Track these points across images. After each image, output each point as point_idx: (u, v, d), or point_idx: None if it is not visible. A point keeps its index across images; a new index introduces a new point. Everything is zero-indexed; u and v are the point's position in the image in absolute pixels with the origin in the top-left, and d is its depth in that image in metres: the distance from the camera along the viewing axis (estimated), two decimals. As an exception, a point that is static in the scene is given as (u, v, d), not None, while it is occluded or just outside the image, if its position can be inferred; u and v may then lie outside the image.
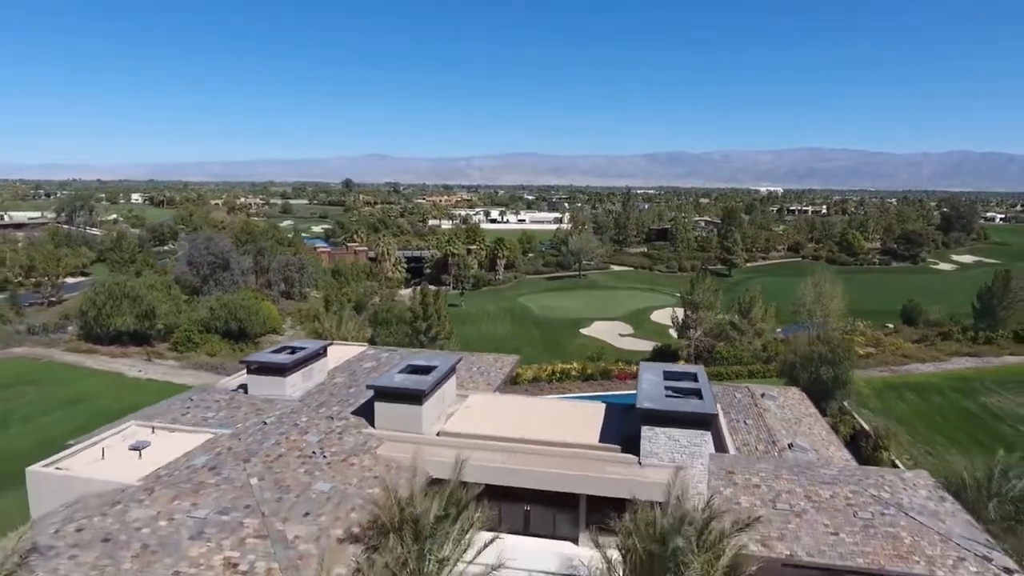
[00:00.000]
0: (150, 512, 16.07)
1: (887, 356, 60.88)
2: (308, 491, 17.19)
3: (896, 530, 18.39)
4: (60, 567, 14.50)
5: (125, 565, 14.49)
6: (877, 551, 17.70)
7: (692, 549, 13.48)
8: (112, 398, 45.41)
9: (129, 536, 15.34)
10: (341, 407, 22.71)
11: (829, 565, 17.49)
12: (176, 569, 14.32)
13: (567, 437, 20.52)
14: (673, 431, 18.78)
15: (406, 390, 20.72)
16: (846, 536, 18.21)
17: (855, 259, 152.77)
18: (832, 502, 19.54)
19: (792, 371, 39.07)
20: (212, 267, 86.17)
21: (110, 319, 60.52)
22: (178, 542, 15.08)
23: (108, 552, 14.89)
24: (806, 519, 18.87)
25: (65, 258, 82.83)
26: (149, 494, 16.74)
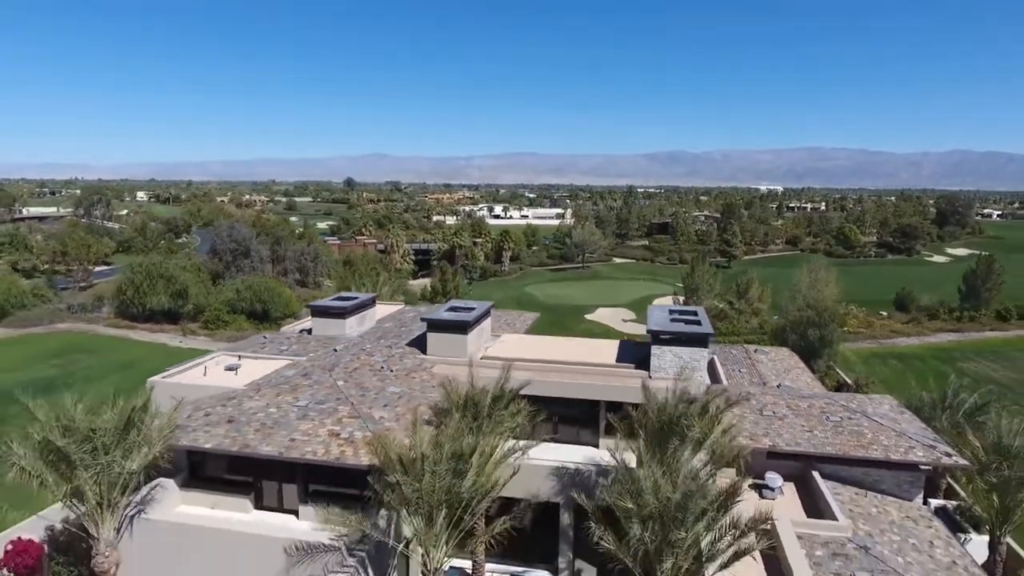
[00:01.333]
0: (261, 403, 20.14)
1: (876, 331, 64.94)
2: (383, 392, 21.23)
3: (860, 429, 22.45)
4: (199, 437, 18.57)
5: (250, 436, 18.56)
6: (843, 443, 21.77)
7: (694, 415, 17.50)
8: (161, 362, 49.31)
9: (248, 418, 19.40)
10: (396, 340, 26.78)
11: (805, 452, 21.57)
12: (292, 437, 18.38)
13: (590, 360, 24.61)
14: (677, 349, 22.83)
15: (454, 321, 24.80)
16: (819, 433, 22.29)
17: (852, 252, 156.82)
18: (808, 410, 23.64)
19: (783, 334, 43.11)
20: (234, 254, 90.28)
21: (147, 297, 64.59)
22: (289, 421, 19.14)
23: (234, 428, 18.95)
24: (786, 422, 22.95)
25: (95, 244, 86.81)
26: (257, 391, 20.81)
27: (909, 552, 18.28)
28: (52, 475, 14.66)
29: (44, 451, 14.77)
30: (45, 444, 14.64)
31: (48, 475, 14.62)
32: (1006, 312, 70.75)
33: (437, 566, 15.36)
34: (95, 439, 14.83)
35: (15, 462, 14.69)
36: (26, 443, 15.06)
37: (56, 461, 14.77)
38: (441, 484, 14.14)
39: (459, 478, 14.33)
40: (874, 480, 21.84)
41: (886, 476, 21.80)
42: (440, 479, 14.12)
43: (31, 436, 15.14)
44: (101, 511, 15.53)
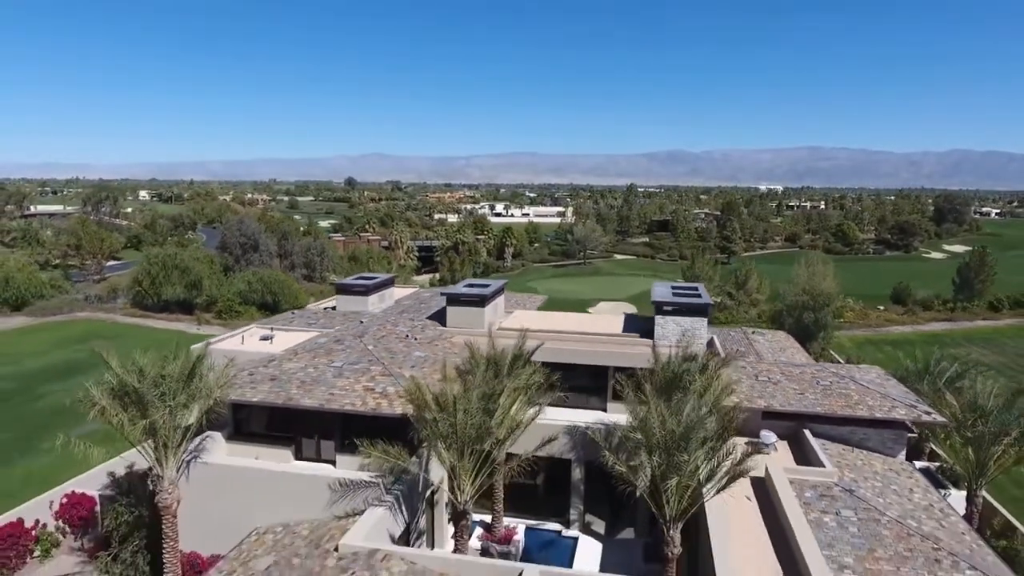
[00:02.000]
0: (299, 364, 22.04)
1: (871, 320, 66.86)
2: (409, 356, 23.12)
3: (848, 391, 24.34)
4: (246, 392, 20.47)
5: (292, 391, 20.46)
6: (832, 403, 23.67)
7: (695, 372, 19.40)
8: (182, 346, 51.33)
9: (289, 377, 21.30)
10: (416, 315, 28.68)
11: (796, 412, 23.47)
12: (330, 392, 20.28)
13: (598, 331, 26.53)
14: (679, 318, 24.74)
15: (472, 295, 26.70)
16: (809, 395, 24.19)
17: (850, 249, 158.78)
18: (800, 376, 25.55)
19: (780, 318, 45.01)
20: (243, 248, 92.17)
21: (162, 288, 66.49)
22: (326, 378, 21.04)
23: (277, 385, 20.86)
24: (780, 386, 24.85)
25: (108, 238, 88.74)
26: (295, 355, 22.72)
27: (890, 495, 20.17)
28: (127, 415, 16.52)
29: (120, 394, 16.64)
30: (121, 387, 16.51)
31: (124, 415, 16.48)
32: (998, 302, 72.64)
33: (467, 499, 17.25)
34: (164, 384, 16.71)
35: (96, 402, 16.55)
36: (103, 387, 16.92)
37: (130, 403, 16.65)
38: (472, 421, 16.02)
39: (488, 416, 16.22)
40: (860, 438, 23.71)
41: (871, 434, 23.68)
42: (472, 416, 16.01)
43: (107, 381, 17.01)
44: (166, 452, 17.41)
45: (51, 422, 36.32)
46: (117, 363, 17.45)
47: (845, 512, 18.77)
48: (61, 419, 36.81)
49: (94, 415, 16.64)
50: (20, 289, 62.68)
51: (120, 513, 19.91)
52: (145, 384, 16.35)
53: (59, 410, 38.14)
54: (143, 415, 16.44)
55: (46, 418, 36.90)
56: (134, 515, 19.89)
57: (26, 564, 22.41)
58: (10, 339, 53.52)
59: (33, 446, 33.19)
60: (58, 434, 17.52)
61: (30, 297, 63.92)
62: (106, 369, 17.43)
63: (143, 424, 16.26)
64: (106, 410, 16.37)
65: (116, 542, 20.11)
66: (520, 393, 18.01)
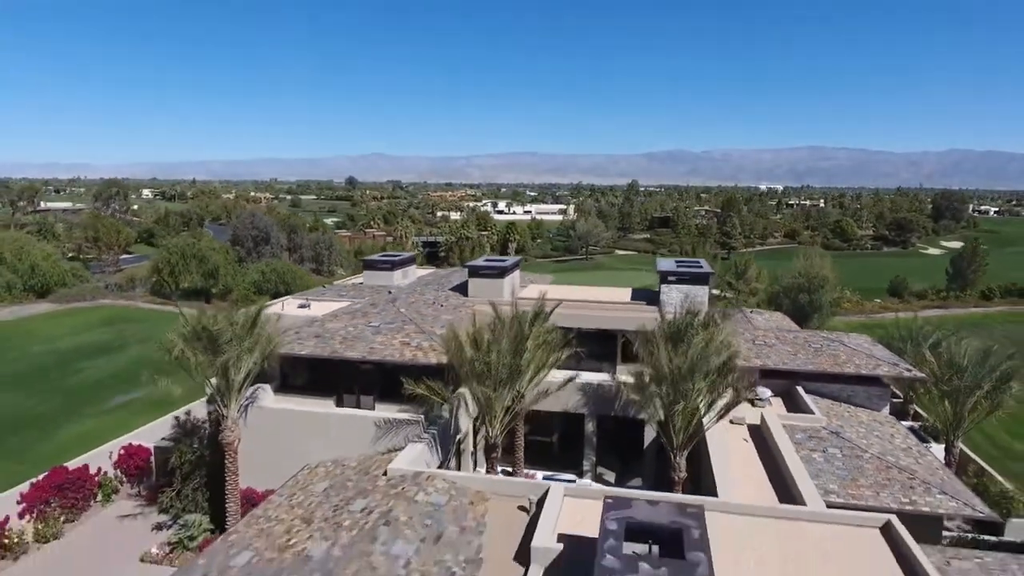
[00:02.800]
0: (340, 325, 24.34)
1: (866, 309, 69.16)
2: (438, 319, 25.42)
3: (837, 353, 26.66)
4: (295, 347, 22.78)
5: (336, 345, 22.77)
6: (822, 362, 26.00)
7: (698, 326, 21.67)
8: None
9: (332, 335, 23.60)
10: (439, 288, 30.99)
11: (790, 369, 25.79)
12: (371, 346, 22.58)
13: (608, 299, 28.85)
14: (682, 286, 27.03)
15: (492, 267, 29.01)
16: (801, 355, 26.51)
17: (848, 245, 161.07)
18: (794, 340, 27.88)
19: (776, 299, 47.30)
20: (255, 240, 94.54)
21: (181, 276, 68.83)
22: (366, 336, 23.35)
23: (322, 341, 23.16)
24: (774, 348, 27.17)
25: (124, 231, 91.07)
26: (335, 317, 25.03)
27: (872, 439, 22.48)
28: (201, 357, 18.82)
29: (195, 338, 18.92)
30: (196, 332, 18.79)
31: (201, 357, 18.78)
32: (989, 292, 74.95)
33: (497, 433, 19.55)
34: (232, 329, 19.01)
35: (177, 345, 18.81)
36: (180, 333, 19.18)
37: (203, 347, 18.94)
38: (504, 361, 18.31)
39: (517, 357, 18.52)
40: (848, 395, 26.03)
41: (858, 391, 26.00)
42: (503, 357, 18.30)
43: (183, 327, 19.28)
44: (229, 393, 19.71)
45: (91, 393, 38.67)
46: (190, 313, 19.68)
47: (831, 450, 21.09)
48: (101, 390, 39.24)
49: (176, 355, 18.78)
50: (45, 277, 64.98)
51: (183, 453, 22.19)
52: (218, 329, 18.60)
53: (97, 382, 40.51)
54: (215, 356, 18.71)
55: (86, 389, 39.21)
56: (196, 455, 22.16)
57: (90, 507, 24.72)
58: (40, 323, 55.84)
59: (79, 411, 35.50)
60: (153, 378, 19.38)
61: (54, 285, 66.22)
62: (181, 320, 19.65)
63: (219, 361, 18.50)
64: (184, 352, 18.59)
65: (179, 480, 22.37)
66: (543, 341, 20.28)
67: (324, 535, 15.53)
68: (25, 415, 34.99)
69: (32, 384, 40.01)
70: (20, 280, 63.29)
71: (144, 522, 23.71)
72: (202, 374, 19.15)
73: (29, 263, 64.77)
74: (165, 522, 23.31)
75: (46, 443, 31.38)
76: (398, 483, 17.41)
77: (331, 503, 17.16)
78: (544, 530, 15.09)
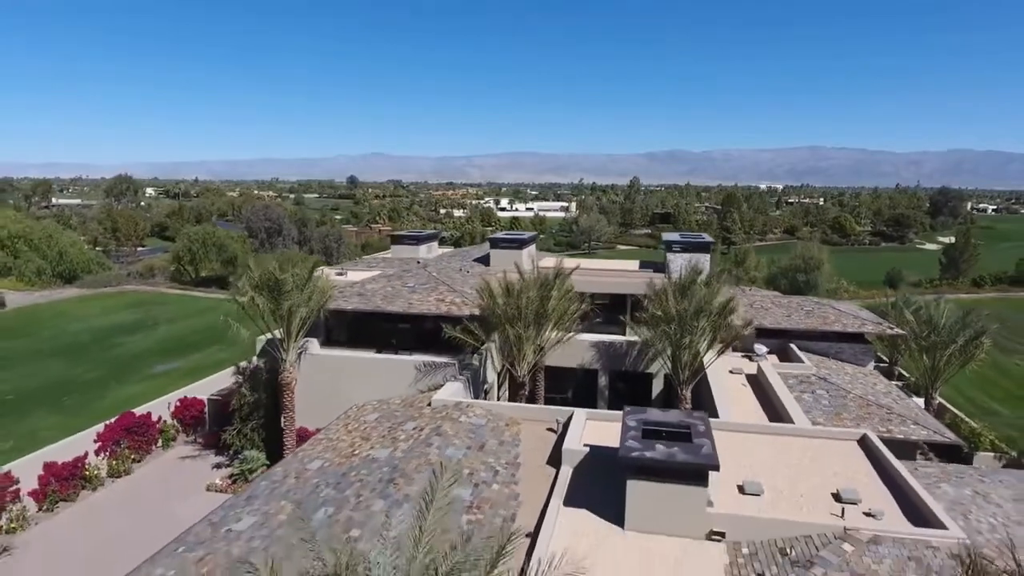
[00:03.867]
0: (378, 286, 27.05)
1: (861, 295, 71.77)
2: (466, 282, 28.11)
3: (826, 314, 29.39)
4: (341, 303, 25.47)
5: (377, 301, 25.48)
6: (813, 322, 28.73)
7: (701, 284, 24.36)
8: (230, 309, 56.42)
9: (372, 293, 26.31)
10: (463, 260, 33.71)
11: (784, 328, 28.49)
12: (409, 302, 25.28)
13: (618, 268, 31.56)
14: (686, 255, 29.72)
15: (512, 239, 31.75)
16: (794, 316, 29.25)
17: (847, 240, 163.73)
18: (788, 304, 30.64)
19: (774, 280, 50.03)
20: (268, 232, 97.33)
21: (201, 264, 71.55)
22: (403, 294, 26.05)
23: (364, 299, 25.87)
24: (770, 311, 29.91)
25: (143, 221, 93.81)
26: (372, 280, 27.73)
27: (856, 385, 25.19)
28: (267, 304, 21.51)
29: (262, 287, 21.60)
30: (263, 280, 21.48)
31: (266, 303, 21.47)
32: (981, 280, 77.63)
33: (524, 372, 22.22)
34: (293, 280, 21.70)
35: (246, 292, 21.48)
36: (249, 281, 21.84)
37: (268, 295, 21.63)
38: (532, 305, 21.01)
39: (544, 303, 21.22)
40: (836, 352, 28.74)
41: (845, 348, 28.71)
42: (532, 303, 20.99)
43: (251, 276, 21.94)
44: (288, 339, 22.40)
45: (132, 363, 41.37)
46: (256, 267, 22.38)
47: (819, 392, 23.80)
48: (140, 361, 41.94)
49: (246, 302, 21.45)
50: (73, 263, 67.68)
51: (243, 396, 24.87)
52: (283, 278, 21.30)
53: (136, 355, 43.20)
54: (278, 303, 21.41)
55: (127, 360, 41.90)
56: (254, 399, 24.84)
57: (152, 451, 27.41)
58: (73, 305, 58.51)
59: (124, 377, 38.17)
60: (228, 320, 22.10)
61: (80, 271, 68.93)
62: (247, 274, 22.31)
63: (285, 305, 21.20)
64: (254, 298, 21.28)
65: (238, 421, 25.06)
66: (564, 294, 23.00)
67: (384, 445, 18.22)
68: (74, 380, 37.69)
69: (75, 356, 42.70)
70: (49, 266, 66.01)
71: (203, 462, 26.43)
72: (266, 319, 21.81)
73: (58, 250, 67.49)
74: (223, 461, 26.04)
75: (98, 402, 34.03)
76: (441, 410, 20.10)
77: (384, 426, 19.85)
78: (572, 438, 17.83)
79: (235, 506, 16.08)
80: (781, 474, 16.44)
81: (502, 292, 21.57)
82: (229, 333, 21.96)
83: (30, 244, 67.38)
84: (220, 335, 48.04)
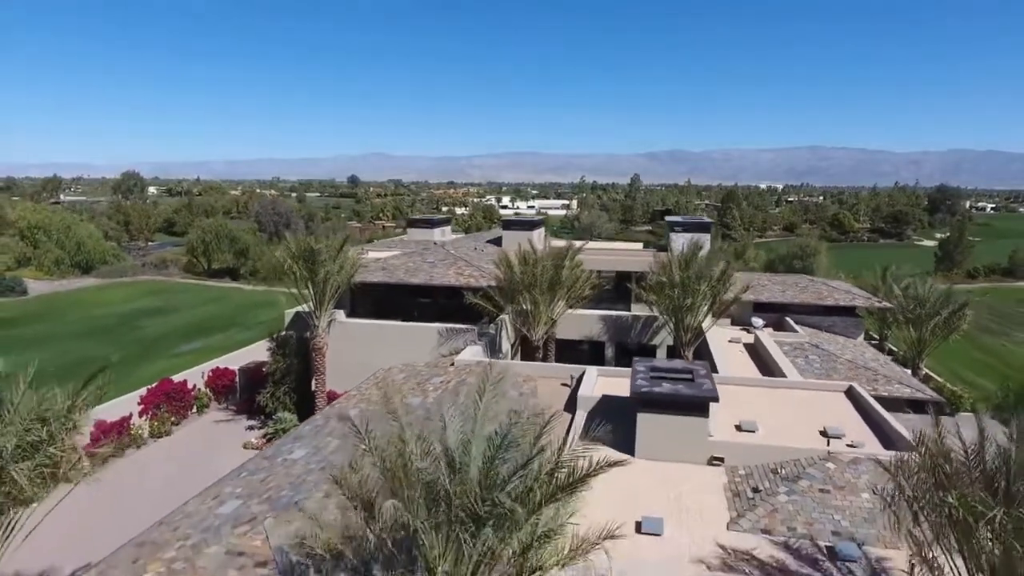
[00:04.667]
0: (400, 261, 28.97)
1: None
2: (481, 259, 30.00)
3: (819, 290, 31.32)
4: (367, 276, 27.33)
5: (400, 275, 27.38)
6: (807, 297, 30.64)
7: (702, 258, 26.24)
8: (244, 298, 58.38)
9: (395, 268, 28.21)
10: (476, 242, 35.61)
11: (780, 302, 30.39)
12: (430, 275, 27.17)
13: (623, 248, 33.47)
14: (688, 234, 31.58)
15: (523, 222, 33.76)
16: (790, 292, 31.16)
17: (845, 237, 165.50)
18: (783, 282, 32.58)
19: (771, 266, 51.86)
20: (276, 225, 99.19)
21: (214, 255, 73.44)
22: (424, 268, 27.97)
23: (388, 273, 27.81)
24: (766, 288, 31.82)
25: (155, 215, 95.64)
26: (395, 257, 29.63)
27: (847, 351, 27.05)
28: (302, 271, 23.39)
29: (296, 256, 23.47)
30: (301, 251, 23.34)
31: (302, 271, 23.35)
32: (975, 271, 79.51)
33: (539, 336, 24.09)
34: (327, 250, 23.57)
35: (283, 260, 23.34)
36: (284, 251, 23.70)
37: (304, 264, 23.50)
38: (547, 274, 22.89)
39: (559, 271, 23.10)
40: (828, 325, 30.61)
41: (837, 322, 30.58)
42: (547, 271, 22.88)
43: (289, 247, 23.81)
44: (321, 306, 24.27)
45: (158, 343, 43.27)
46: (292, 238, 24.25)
47: (811, 357, 25.68)
48: (166, 341, 43.83)
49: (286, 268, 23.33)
50: (90, 254, 69.57)
51: (278, 361, 26.74)
52: (318, 248, 23.18)
53: (160, 336, 45.10)
54: (314, 271, 23.29)
55: (152, 340, 43.80)
56: (286, 364, 26.72)
57: (188, 416, 29.29)
58: (93, 293, 60.42)
59: (151, 356, 40.05)
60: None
61: (96, 262, 70.81)
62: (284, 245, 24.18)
63: (322, 272, 23.09)
64: (292, 265, 23.15)
65: (272, 384, 26.95)
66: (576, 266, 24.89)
67: (415, 395, 20.12)
68: (104, 358, 39.54)
69: (102, 337, 44.58)
70: (67, 256, 67.87)
71: (237, 425, 28.34)
72: (300, 288, 23.69)
73: (76, 241, 69.38)
74: (255, 424, 27.94)
75: (129, 377, 35.79)
76: (464, 368, 21.98)
77: (413, 382, 21.74)
78: (586, 387, 19.73)
79: (284, 444, 17.95)
80: (774, 417, 18.34)
81: (519, 261, 23.43)
82: (246, 317, 23.75)
83: (49, 235, 69.26)
84: (238, 319, 50.09)
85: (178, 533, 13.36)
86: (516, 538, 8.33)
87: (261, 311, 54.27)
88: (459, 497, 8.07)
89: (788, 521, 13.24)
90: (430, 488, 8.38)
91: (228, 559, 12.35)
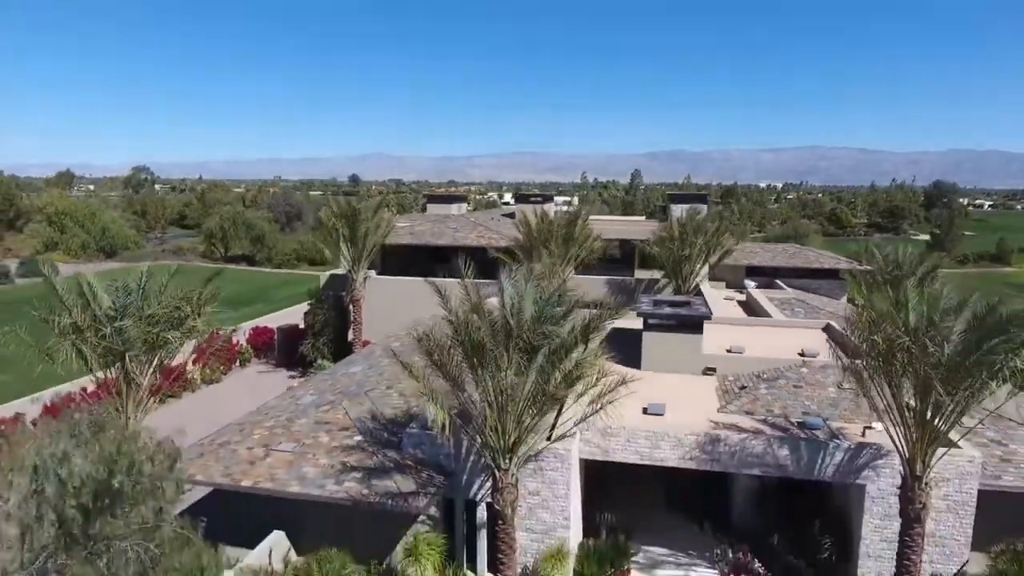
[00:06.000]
0: (426, 227, 32.02)
1: (850, 271, 76.64)
2: (499, 226, 32.96)
3: (807, 256, 34.33)
4: (396, 238, 30.29)
5: (427, 238, 30.39)
6: (796, 262, 33.63)
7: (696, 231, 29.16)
8: (264, 279, 61.36)
9: (422, 233, 31.22)
10: (491, 214, 38.60)
11: (771, 266, 33.37)
12: (453, 238, 30.13)
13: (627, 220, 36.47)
14: (686, 204, 34.55)
15: (536, 195, 36.68)
16: (781, 259, 34.16)
17: (843, 231, 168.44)
18: (773, 249, 35.61)
19: (767, 247, 54.92)
20: (288, 216, 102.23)
21: (232, 241, 76.40)
22: (448, 232, 31.00)
23: (415, 237, 30.79)
24: (758, 255, 34.82)
25: (171, 204, 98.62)
26: (420, 223, 32.61)
27: (830, 305, 29.99)
28: (345, 229, 26.34)
29: (339, 216, 26.44)
30: (343, 211, 26.32)
31: (343, 228, 26.31)
32: (965, 257, 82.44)
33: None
34: (363, 213, 26.55)
35: (331, 219, 26.29)
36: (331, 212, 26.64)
37: (346, 223, 26.46)
38: (561, 231, 25.88)
39: (571, 228, 26.09)
40: (815, 288, 33.55)
41: (823, 284, 33.55)
42: (561, 228, 25.86)
43: (331, 209, 26.76)
44: (359, 261, 27.24)
45: (191, 315, 46.12)
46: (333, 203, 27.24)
47: (797, 309, 28.63)
48: (199, 313, 46.69)
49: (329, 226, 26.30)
50: (114, 239, 72.55)
51: (317, 314, 29.72)
52: (358, 208, 26.17)
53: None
54: (355, 229, 26.26)
55: (186, 313, 46.67)
56: (325, 317, 29.70)
57: (232, 369, 32.24)
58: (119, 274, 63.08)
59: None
60: None
61: (118, 247, 73.81)
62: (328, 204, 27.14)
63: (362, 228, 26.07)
64: (334, 224, 26.13)
65: (312, 336, 29.92)
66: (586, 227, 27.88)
67: (448, 331, 23.05)
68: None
69: (137, 310, 47.48)
70: (93, 240, 70.82)
71: (278, 376, 31.32)
72: (343, 243, 26.67)
73: (100, 226, 72.36)
74: (295, 375, 30.91)
75: (171, 342, 38.79)
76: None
77: (444, 326, 24.68)
78: (597, 322, 22.61)
79: (340, 366, 20.91)
80: (760, 345, 21.32)
81: (537, 221, 26.42)
82: (268, 295, 26.72)
83: (75, 220, 72.23)
84: (262, 296, 53.09)
85: (270, 415, 16.32)
86: (559, 369, 11.38)
87: (282, 289, 57.46)
88: (518, 329, 11.05)
89: (767, 406, 16.23)
90: (495, 328, 11.39)
91: (316, 426, 15.33)
